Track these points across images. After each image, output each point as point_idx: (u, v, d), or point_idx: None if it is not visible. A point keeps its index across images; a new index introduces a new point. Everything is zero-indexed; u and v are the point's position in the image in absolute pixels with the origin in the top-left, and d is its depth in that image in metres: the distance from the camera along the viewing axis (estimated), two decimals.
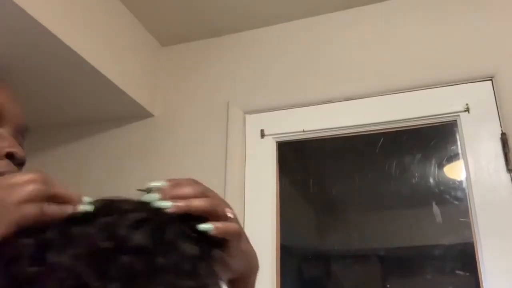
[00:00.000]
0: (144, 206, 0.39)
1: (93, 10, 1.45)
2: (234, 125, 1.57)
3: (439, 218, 1.35)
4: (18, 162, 0.59)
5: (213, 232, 0.40)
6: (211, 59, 1.72)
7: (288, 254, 1.46)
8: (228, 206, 0.45)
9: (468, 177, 1.30)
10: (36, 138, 1.87)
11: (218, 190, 0.47)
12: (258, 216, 1.45)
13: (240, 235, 0.45)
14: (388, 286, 1.47)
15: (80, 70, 1.42)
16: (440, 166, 1.40)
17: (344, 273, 1.52)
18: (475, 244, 1.25)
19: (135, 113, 1.69)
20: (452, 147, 1.39)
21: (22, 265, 0.33)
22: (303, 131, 1.51)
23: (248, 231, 0.50)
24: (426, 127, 1.42)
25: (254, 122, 1.57)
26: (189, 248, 0.36)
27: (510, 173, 1.26)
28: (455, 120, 1.38)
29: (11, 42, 1.30)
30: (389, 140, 1.47)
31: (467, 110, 1.36)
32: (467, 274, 1.30)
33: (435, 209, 1.36)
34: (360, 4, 1.58)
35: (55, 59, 1.37)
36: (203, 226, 0.39)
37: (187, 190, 0.42)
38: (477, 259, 1.23)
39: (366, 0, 1.56)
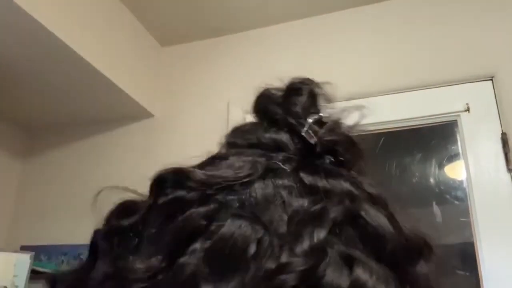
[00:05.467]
0: None
1: (93, 10, 1.45)
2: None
3: (439, 218, 1.35)
4: None
5: None
6: (211, 59, 1.72)
7: None
8: None
9: (468, 177, 1.30)
10: (36, 138, 1.87)
11: None
12: None
13: None
14: None
15: (80, 70, 1.42)
16: (441, 166, 1.40)
17: None
18: (475, 244, 1.25)
19: (135, 113, 1.69)
20: (452, 147, 1.39)
21: None
22: None
23: None
24: (427, 127, 1.42)
25: None
26: None
27: (510, 172, 1.26)
28: (456, 120, 1.38)
29: (11, 42, 1.30)
30: (390, 140, 1.47)
31: (468, 110, 1.36)
32: (468, 274, 1.30)
33: (436, 209, 1.36)
34: (360, 4, 1.58)
35: (55, 59, 1.38)
36: None
37: None
38: (477, 259, 1.23)
39: (366, 0, 1.56)
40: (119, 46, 1.58)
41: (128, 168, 1.65)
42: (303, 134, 0.28)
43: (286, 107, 0.30)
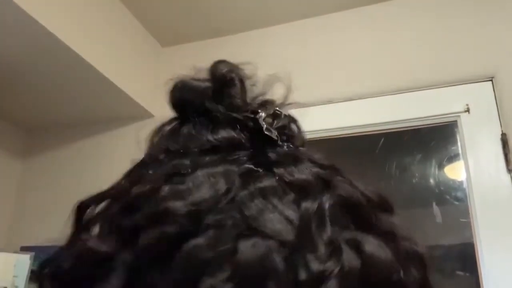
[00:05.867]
0: None
1: (93, 11, 1.45)
2: None
3: (439, 219, 1.35)
4: None
5: None
6: (211, 59, 1.72)
7: None
8: None
9: (468, 178, 1.30)
10: (37, 138, 1.87)
11: None
12: None
13: None
14: None
15: (80, 70, 1.42)
16: (441, 166, 1.40)
17: None
18: (475, 245, 1.25)
19: (135, 113, 1.69)
20: (452, 148, 1.39)
21: None
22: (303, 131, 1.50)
23: None
24: (427, 127, 1.42)
25: None
26: None
27: (510, 173, 1.26)
28: (456, 121, 1.38)
29: (11, 43, 1.30)
30: (390, 140, 1.47)
31: (468, 110, 1.36)
32: (468, 274, 1.30)
33: (435, 209, 1.36)
34: (360, 5, 1.58)
35: (55, 60, 1.38)
36: None
37: None
38: (477, 260, 1.23)
39: (366, 1, 1.56)
40: (119, 46, 1.58)
41: (128, 168, 1.65)
42: (265, 132, 0.27)
43: (227, 102, 0.28)
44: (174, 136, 0.29)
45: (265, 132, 0.27)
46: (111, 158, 1.70)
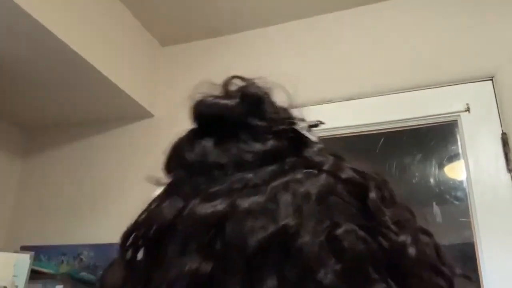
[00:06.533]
0: None
1: (93, 10, 1.45)
2: None
3: (439, 218, 1.35)
4: None
5: None
6: (211, 59, 1.72)
7: None
8: None
9: (468, 177, 1.30)
10: (37, 138, 1.87)
11: None
12: None
13: None
14: None
15: (80, 70, 1.42)
16: (441, 166, 1.40)
17: None
18: (475, 244, 1.25)
19: (135, 113, 1.69)
20: (452, 147, 1.39)
21: None
22: None
23: None
24: (427, 127, 1.42)
25: None
26: None
27: (510, 173, 1.26)
28: (456, 120, 1.38)
29: (11, 42, 1.30)
30: (390, 140, 1.47)
31: (468, 110, 1.36)
32: (467, 274, 1.29)
33: (435, 209, 1.35)
34: (360, 4, 1.58)
35: (55, 59, 1.38)
36: None
37: None
38: (477, 259, 1.23)
39: (366, 0, 1.56)
40: (119, 46, 1.58)
41: (128, 168, 1.65)
42: (310, 139, 0.31)
43: (262, 116, 0.30)
44: (221, 150, 0.29)
45: (309, 139, 0.31)
46: (111, 157, 1.70)
